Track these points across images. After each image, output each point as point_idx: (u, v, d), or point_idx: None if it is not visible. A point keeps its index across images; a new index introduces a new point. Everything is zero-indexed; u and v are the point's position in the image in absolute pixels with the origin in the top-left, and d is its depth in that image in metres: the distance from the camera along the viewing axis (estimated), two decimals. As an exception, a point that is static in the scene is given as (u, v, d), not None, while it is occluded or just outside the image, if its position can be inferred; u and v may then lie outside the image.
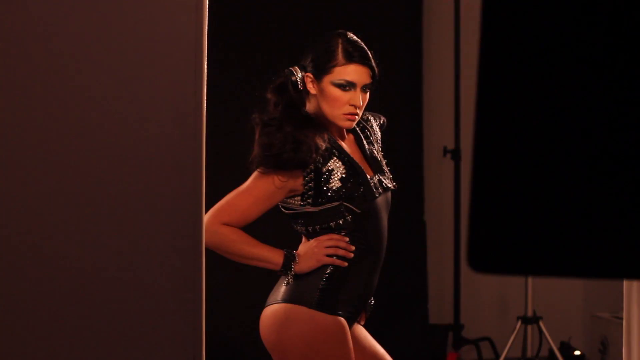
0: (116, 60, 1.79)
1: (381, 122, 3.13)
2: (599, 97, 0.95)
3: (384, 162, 3.00)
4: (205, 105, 1.83)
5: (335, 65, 2.82)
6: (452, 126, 5.24)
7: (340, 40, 2.84)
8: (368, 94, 2.88)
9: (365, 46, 2.87)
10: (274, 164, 2.74)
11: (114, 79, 1.79)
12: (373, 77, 2.86)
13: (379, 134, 3.08)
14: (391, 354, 3.00)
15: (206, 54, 1.83)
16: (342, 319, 2.80)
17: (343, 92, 2.82)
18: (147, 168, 1.80)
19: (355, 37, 2.87)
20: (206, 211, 2.62)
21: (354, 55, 2.83)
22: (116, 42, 1.79)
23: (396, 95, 5.12)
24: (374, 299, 2.96)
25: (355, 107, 2.83)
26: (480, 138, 0.98)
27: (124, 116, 1.79)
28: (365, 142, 2.98)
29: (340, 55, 2.83)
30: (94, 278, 1.77)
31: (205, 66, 1.82)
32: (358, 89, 2.83)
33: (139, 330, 1.79)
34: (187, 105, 1.81)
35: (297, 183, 2.78)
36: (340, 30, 2.89)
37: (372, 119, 3.07)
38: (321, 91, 2.84)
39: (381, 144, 3.07)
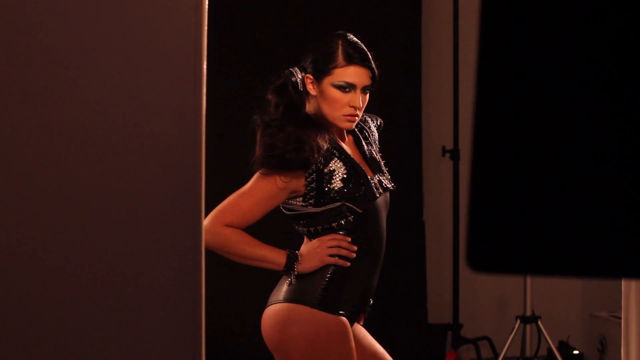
0: (115, 60, 1.79)
1: (378, 123, 3.14)
2: (599, 96, 0.95)
3: (383, 163, 3.00)
4: (205, 105, 1.83)
5: (335, 67, 2.82)
6: (451, 126, 5.24)
7: (340, 42, 2.85)
8: (368, 95, 2.89)
9: (365, 47, 2.87)
10: (277, 165, 2.75)
11: (113, 79, 1.79)
12: (373, 78, 2.87)
13: (377, 134, 3.09)
14: (390, 353, 3.01)
15: (206, 55, 1.83)
16: (344, 318, 2.81)
17: (343, 94, 2.82)
18: (147, 169, 1.80)
19: (355, 39, 2.88)
20: (206, 212, 2.63)
21: (354, 57, 2.83)
22: (115, 41, 1.79)
23: (395, 95, 5.12)
24: (372, 300, 2.96)
25: (355, 108, 2.83)
26: (478, 138, 0.98)
27: (123, 116, 1.79)
28: (364, 142, 2.98)
29: (340, 57, 2.83)
30: (92, 278, 1.77)
31: (205, 67, 1.83)
32: (358, 91, 2.83)
33: (139, 330, 1.79)
34: (186, 106, 1.80)
35: (299, 184, 2.78)
36: (340, 31, 2.89)
37: (369, 120, 3.08)
38: (321, 92, 2.84)
39: (379, 144, 3.08)
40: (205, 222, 2.00)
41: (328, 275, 2.81)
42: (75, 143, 1.77)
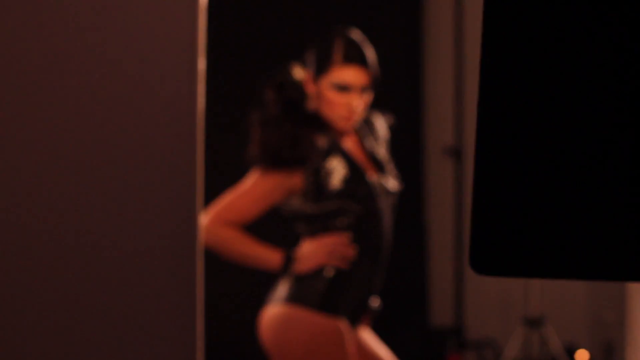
0: (112, 58, 1.78)
1: (389, 121, 3.10)
2: (603, 98, 0.95)
3: (389, 163, 2.97)
4: (201, 103, 1.82)
5: (333, 66, 2.79)
6: (454, 125, 5.23)
7: (340, 40, 2.81)
8: (369, 94, 2.85)
9: (367, 46, 2.84)
10: (273, 162, 2.73)
11: (110, 78, 1.77)
12: (373, 79, 2.83)
13: (386, 133, 3.05)
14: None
15: (203, 51, 1.82)
16: (342, 322, 2.78)
17: (340, 94, 2.79)
18: (143, 168, 1.78)
19: (356, 37, 2.84)
20: (204, 211, 2.60)
21: (353, 57, 2.80)
22: (112, 40, 1.77)
23: (397, 93, 5.11)
24: (380, 304, 2.93)
25: (353, 109, 2.80)
26: (482, 140, 0.99)
27: (119, 115, 1.78)
28: (368, 141, 2.95)
29: (339, 56, 2.79)
30: (86, 279, 1.76)
31: (201, 63, 1.81)
32: (356, 91, 2.80)
33: (135, 331, 1.78)
34: (183, 103, 1.79)
35: (297, 182, 2.76)
36: (342, 28, 2.86)
37: (378, 118, 3.04)
38: (319, 91, 2.81)
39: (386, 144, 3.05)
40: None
41: (327, 277, 2.79)
42: (70, 141, 1.75)
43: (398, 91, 5.15)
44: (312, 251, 2.79)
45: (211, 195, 2.74)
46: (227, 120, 4.54)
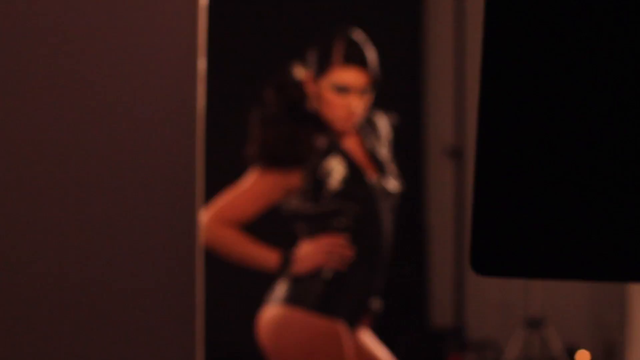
0: (112, 58, 1.77)
1: (393, 121, 3.09)
2: (604, 98, 0.95)
3: (390, 163, 2.96)
4: (201, 103, 1.81)
5: (333, 67, 2.78)
6: (455, 125, 5.22)
7: (341, 41, 2.80)
8: (370, 95, 2.85)
9: (368, 47, 2.83)
10: (271, 161, 2.72)
11: (110, 78, 1.77)
12: (373, 80, 2.82)
13: (389, 133, 3.04)
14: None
15: (203, 51, 1.81)
16: (340, 323, 2.77)
17: (340, 96, 2.78)
18: (143, 167, 1.78)
19: (358, 37, 2.83)
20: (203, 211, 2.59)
21: (354, 58, 2.79)
22: (112, 40, 1.77)
23: (397, 93, 5.10)
24: (380, 305, 2.92)
25: (352, 111, 2.79)
26: (483, 140, 0.99)
27: (119, 115, 1.77)
28: (369, 142, 2.94)
29: (339, 57, 2.79)
30: (87, 278, 1.75)
31: (201, 63, 1.80)
32: (356, 93, 2.79)
33: (133, 331, 1.77)
34: (183, 103, 1.78)
35: (295, 181, 2.75)
36: (344, 28, 2.85)
37: (381, 118, 3.03)
38: (319, 92, 2.81)
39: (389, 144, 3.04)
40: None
41: (325, 277, 2.78)
42: (70, 142, 1.75)
43: (398, 91, 5.14)
44: (310, 252, 2.78)
45: (211, 195, 2.73)
46: (227, 120, 4.53)
